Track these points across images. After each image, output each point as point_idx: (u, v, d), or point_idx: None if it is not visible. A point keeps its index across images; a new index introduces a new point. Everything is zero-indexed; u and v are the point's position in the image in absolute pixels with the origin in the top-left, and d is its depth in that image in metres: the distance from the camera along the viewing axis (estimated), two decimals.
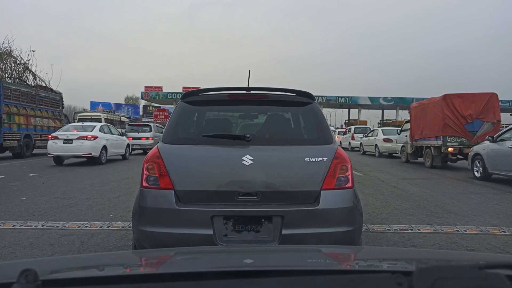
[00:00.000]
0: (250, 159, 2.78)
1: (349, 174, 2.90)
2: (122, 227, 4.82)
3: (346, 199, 2.87)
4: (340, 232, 2.78)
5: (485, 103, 12.16)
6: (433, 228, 4.95)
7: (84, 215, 5.49)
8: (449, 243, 4.38)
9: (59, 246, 4.07)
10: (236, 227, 2.73)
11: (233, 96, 3.23)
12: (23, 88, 17.35)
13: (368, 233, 4.66)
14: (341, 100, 44.40)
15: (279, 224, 2.71)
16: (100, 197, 6.97)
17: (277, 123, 3.37)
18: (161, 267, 1.24)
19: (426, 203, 6.67)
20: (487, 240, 4.50)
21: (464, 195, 7.59)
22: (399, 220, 5.37)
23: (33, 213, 5.62)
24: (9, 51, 19.80)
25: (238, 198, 2.75)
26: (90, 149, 12.77)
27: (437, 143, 12.83)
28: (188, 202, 2.78)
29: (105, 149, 13.48)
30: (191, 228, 2.72)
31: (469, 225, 5.18)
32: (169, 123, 3.16)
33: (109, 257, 1.60)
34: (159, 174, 2.81)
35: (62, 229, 4.72)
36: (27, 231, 4.62)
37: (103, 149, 13.34)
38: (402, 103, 42.08)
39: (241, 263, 1.23)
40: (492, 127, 12.01)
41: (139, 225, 2.83)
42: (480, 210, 6.19)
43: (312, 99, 3.26)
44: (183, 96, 3.31)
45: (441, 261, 1.28)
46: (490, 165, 9.62)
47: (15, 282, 0.74)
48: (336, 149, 2.97)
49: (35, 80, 19.82)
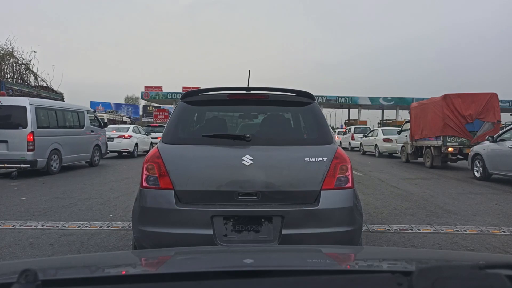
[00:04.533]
0: (250, 159, 2.78)
1: (349, 174, 2.90)
2: (122, 227, 4.82)
3: (346, 199, 2.86)
4: (340, 232, 2.78)
5: (485, 103, 12.15)
6: (433, 228, 4.95)
7: (84, 215, 5.49)
8: (449, 243, 4.38)
9: (59, 246, 4.07)
10: (236, 227, 2.73)
11: (233, 96, 3.22)
12: (25, 89, 17.43)
13: (368, 233, 4.66)
14: (341, 100, 44.35)
15: (279, 224, 2.71)
16: (100, 197, 6.97)
17: (277, 123, 3.37)
18: (161, 267, 1.24)
19: (426, 203, 6.67)
20: (487, 240, 4.50)
21: (464, 195, 7.59)
22: (399, 220, 5.37)
23: (33, 213, 5.62)
24: (11, 52, 19.88)
25: (238, 198, 2.75)
26: (127, 145, 16.17)
27: (437, 143, 12.83)
28: (188, 202, 2.78)
29: (137, 146, 16.74)
30: (191, 228, 2.72)
31: (469, 225, 5.17)
32: (169, 123, 3.16)
33: (109, 257, 1.61)
34: (159, 174, 2.81)
35: (62, 229, 4.72)
36: (27, 231, 4.62)
37: (135, 146, 16.61)
38: (402, 103, 42.02)
39: (241, 263, 1.23)
40: (492, 127, 12.00)
41: (139, 225, 2.83)
42: (480, 210, 6.19)
43: (312, 99, 3.26)
44: (183, 96, 3.31)
45: (441, 261, 1.28)
46: (490, 165, 9.62)
47: (15, 282, 0.74)
48: (336, 149, 2.97)
49: (37, 80, 19.90)
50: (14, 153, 9.28)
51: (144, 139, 17.91)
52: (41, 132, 9.75)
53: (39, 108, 9.90)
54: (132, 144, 16.40)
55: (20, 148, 9.30)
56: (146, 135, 18.68)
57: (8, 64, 19.81)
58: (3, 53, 19.61)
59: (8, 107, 9.51)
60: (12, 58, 19.93)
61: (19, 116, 9.35)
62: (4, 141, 9.28)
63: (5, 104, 9.51)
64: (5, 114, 9.48)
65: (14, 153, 9.28)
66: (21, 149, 9.31)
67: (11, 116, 9.54)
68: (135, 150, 16.64)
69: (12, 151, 9.28)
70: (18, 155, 9.28)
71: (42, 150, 9.73)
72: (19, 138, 9.31)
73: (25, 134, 9.33)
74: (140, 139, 17.31)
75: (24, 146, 9.31)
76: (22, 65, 20.04)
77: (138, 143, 16.87)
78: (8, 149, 9.28)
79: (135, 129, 17.68)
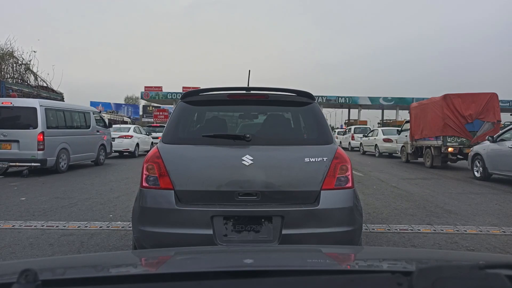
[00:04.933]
0: (250, 159, 2.78)
1: (349, 174, 2.90)
2: (122, 227, 4.82)
3: (346, 199, 2.86)
4: (340, 232, 2.78)
5: (485, 103, 12.14)
6: (433, 228, 4.95)
7: (84, 215, 5.49)
8: (449, 243, 4.38)
9: (59, 246, 4.07)
10: (236, 227, 2.73)
11: (233, 96, 3.22)
12: (25, 89, 17.48)
13: (368, 233, 4.66)
14: (341, 100, 44.33)
15: (279, 224, 2.71)
16: (100, 197, 6.97)
17: (277, 123, 3.37)
18: (161, 267, 1.24)
19: (426, 203, 6.67)
20: (487, 240, 4.50)
21: (464, 195, 7.59)
22: (399, 220, 5.37)
23: (33, 213, 5.62)
24: (11, 52, 19.91)
25: (238, 198, 2.75)
26: (128, 145, 16.39)
27: (437, 143, 12.83)
28: (188, 202, 2.78)
29: (138, 146, 16.90)
30: (191, 228, 2.72)
31: (469, 225, 5.17)
32: (169, 123, 3.16)
33: (109, 257, 1.61)
34: (159, 174, 2.81)
35: (62, 229, 4.72)
36: (27, 231, 4.62)
37: (137, 146, 16.84)
38: (402, 103, 42.00)
39: (241, 263, 1.22)
40: (492, 127, 12.00)
41: (139, 225, 2.83)
42: (480, 210, 6.19)
43: (312, 99, 3.26)
44: (183, 96, 3.31)
45: (441, 261, 1.28)
46: (490, 165, 9.61)
47: (15, 282, 0.74)
48: (336, 149, 2.97)
49: (37, 80, 19.92)
50: (25, 152, 9.63)
51: (145, 139, 18.20)
52: (51, 132, 10.12)
53: (48, 109, 10.29)
54: (133, 144, 16.68)
55: (31, 147, 9.65)
56: (147, 135, 18.96)
57: (8, 64, 19.84)
58: (3, 53, 19.65)
59: (19, 108, 9.96)
60: (12, 58, 19.96)
61: (30, 117, 9.74)
62: (16, 141, 9.66)
63: (16, 106, 9.97)
64: (16, 115, 9.95)
65: (25, 152, 9.64)
66: (32, 148, 9.65)
67: (22, 117, 9.95)
68: (136, 150, 16.93)
69: (23, 150, 9.64)
70: (29, 154, 9.63)
71: (51, 149, 10.09)
72: (30, 138, 9.66)
73: (35, 134, 9.69)
74: (141, 139, 17.61)
75: (35, 146, 9.66)
76: (22, 65, 20.07)
77: (139, 143, 17.16)
78: (20, 148, 9.65)
79: (136, 129, 17.94)
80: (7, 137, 9.61)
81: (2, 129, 9.66)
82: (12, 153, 9.60)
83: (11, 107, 9.87)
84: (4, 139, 9.62)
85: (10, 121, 9.86)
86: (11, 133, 9.64)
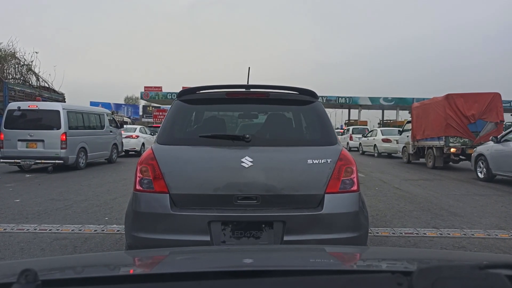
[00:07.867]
0: (249, 160, 2.62)
1: (354, 177, 2.75)
2: (117, 231, 4.66)
3: (351, 203, 2.72)
4: (345, 238, 2.62)
5: (488, 103, 12.00)
6: (439, 232, 4.79)
7: (79, 218, 5.33)
8: (457, 247, 4.22)
9: (50, 251, 3.91)
10: (235, 233, 2.58)
11: (232, 94, 3.07)
12: (27, 89, 17.68)
13: (372, 237, 4.50)
14: (341, 100, 44.17)
15: (281, 230, 2.56)
16: (96, 198, 6.81)
17: (278, 123, 3.20)
18: (162, 267, 1.24)
19: (430, 205, 6.51)
20: (496, 244, 4.34)
21: (469, 197, 7.44)
22: (404, 223, 5.21)
23: (26, 215, 5.46)
24: (13, 53, 19.92)
25: (237, 202, 2.60)
26: (135, 145, 17.21)
27: (439, 143, 12.68)
28: (184, 206, 2.62)
29: (143, 145, 17.40)
30: (187, 234, 2.57)
31: (476, 228, 5.02)
32: (164, 122, 2.99)
33: (109, 257, 1.59)
34: (153, 176, 2.66)
35: (55, 233, 4.56)
36: (19, 235, 4.46)
37: (142, 145, 17.46)
38: (402, 103, 41.86)
39: (241, 263, 1.22)
40: (495, 127, 11.86)
41: (132, 230, 2.68)
42: (486, 212, 6.03)
43: (315, 97, 3.10)
44: (179, 95, 3.14)
45: (441, 261, 1.28)
46: (494, 165, 9.46)
47: (15, 282, 0.74)
48: (341, 150, 2.82)
49: (38, 81, 19.92)
50: (49, 150, 10.67)
51: (150, 139, 18.72)
52: (72, 133, 11.16)
53: (69, 111, 11.35)
54: (139, 143, 17.47)
55: (55, 146, 10.69)
56: (152, 135, 19.34)
57: (10, 65, 19.80)
58: (5, 54, 19.59)
59: (44, 111, 11.05)
60: (14, 59, 19.93)
61: (53, 118, 10.81)
62: (41, 140, 10.69)
63: (42, 108, 11.11)
64: (41, 117, 10.99)
65: (49, 151, 10.67)
66: (55, 147, 10.69)
67: (46, 118, 10.98)
68: (142, 149, 17.46)
69: (48, 149, 10.68)
70: (53, 152, 10.68)
71: (72, 148, 11.13)
72: (54, 137, 10.71)
73: (58, 134, 10.75)
74: (147, 139, 18.28)
75: (58, 145, 10.70)
76: (24, 66, 20.02)
77: (144, 143, 17.84)
78: (45, 147, 10.70)
79: (142, 129, 18.91)
80: (33, 137, 10.61)
81: (29, 129, 10.64)
82: (38, 151, 10.60)
83: (37, 110, 10.93)
84: (31, 139, 10.61)
85: (36, 122, 10.84)
86: (37, 133, 10.64)
